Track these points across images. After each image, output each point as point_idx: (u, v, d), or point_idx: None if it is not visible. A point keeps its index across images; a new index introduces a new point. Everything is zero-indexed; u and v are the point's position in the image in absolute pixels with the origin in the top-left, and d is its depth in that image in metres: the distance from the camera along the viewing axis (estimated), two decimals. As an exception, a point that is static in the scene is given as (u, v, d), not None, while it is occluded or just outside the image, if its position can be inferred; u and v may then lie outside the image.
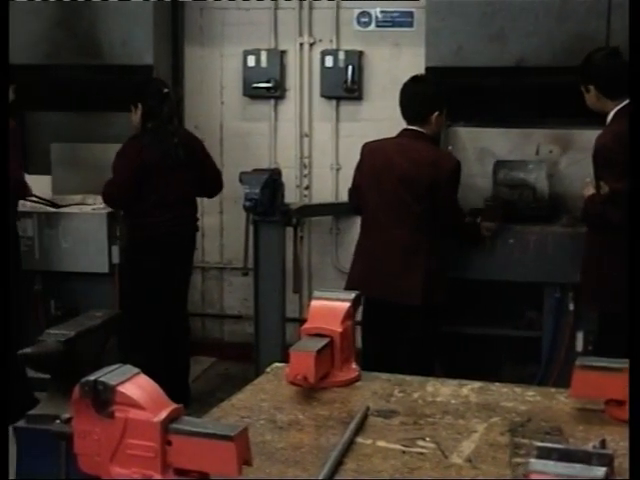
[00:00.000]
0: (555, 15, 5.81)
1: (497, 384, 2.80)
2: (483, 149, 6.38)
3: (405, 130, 5.34)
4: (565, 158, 6.19)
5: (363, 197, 5.41)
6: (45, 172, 6.72)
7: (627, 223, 3.16)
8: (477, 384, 2.80)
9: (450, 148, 6.22)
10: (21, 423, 4.05)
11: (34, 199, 6.33)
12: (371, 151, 5.40)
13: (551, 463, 1.74)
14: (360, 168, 5.45)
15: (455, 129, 6.40)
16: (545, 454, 1.77)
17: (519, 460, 2.20)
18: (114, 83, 6.41)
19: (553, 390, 2.76)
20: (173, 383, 5.01)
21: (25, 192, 5.99)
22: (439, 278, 5.26)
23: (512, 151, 6.30)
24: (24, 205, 6.29)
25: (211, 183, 6.33)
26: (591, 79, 4.97)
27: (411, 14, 6.84)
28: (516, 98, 6.12)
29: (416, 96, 5.31)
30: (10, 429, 4.16)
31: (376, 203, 5.30)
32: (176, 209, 6.00)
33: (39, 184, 6.31)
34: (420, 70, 5.90)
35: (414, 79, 5.41)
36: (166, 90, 6.04)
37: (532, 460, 1.77)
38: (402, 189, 5.19)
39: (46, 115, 7.00)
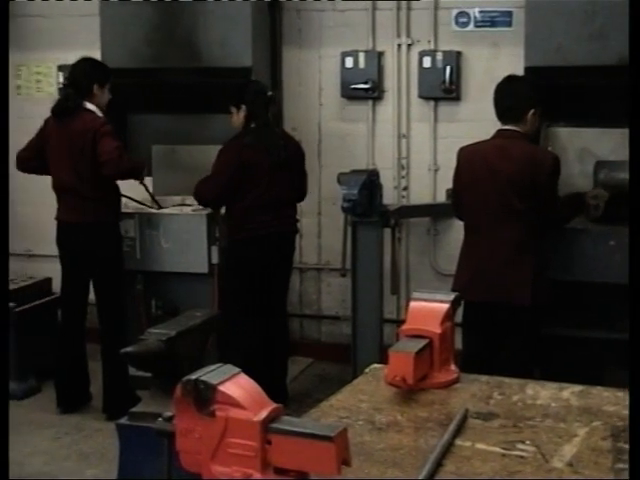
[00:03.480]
0: (658, 12, 5.69)
1: (598, 388, 2.76)
2: (584, 149, 6.29)
3: (500, 130, 5.32)
4: (668, 158, 6.06)
5: (464, 202, 5.40)
6: (147, 174, 6.82)
7: None
8: (578, 387, 2.77)
9: (550, 148, 6.15)
10: (124, 420, 4.13)
11: (137, 198, 6.45)
12: (468, 155, 5.39)
13: (655, 469, 1.71)
14: (458, 173, 5.44)
15: (555, 129, 6.32)
16: (649, 460, 1.74)
17: (622, 466, 2.16)
18: (213, 85, 6.48)
19: (657, 394, 2.71)
20: (271, 383, 5.05)
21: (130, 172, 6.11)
22: (543, 278, 5.23)
23: (613, 151, 6.20)
24: (126, 206, 6.41)
25: (298, 191, 6.34)
26: None
27: (510, 14, 6.77)
28: (618, 97, 6.01)
29: (510, 95, 5.31)
30: (114, 426, 4.24)
31: (478, 207, 5.28)
32: (277, 209, 6.04)
33: (141, 186, 6.41)
34: (519, 70, 5.85)
35: (509, 78, 5.42)
36: (270, 93, 6.10)
37: (636, 465, 1.74)
38: (504, 190, 5.16)
39: (147, 118, 7.11)
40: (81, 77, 6.02)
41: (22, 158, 6.17)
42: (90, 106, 6.00)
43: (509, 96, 5.31)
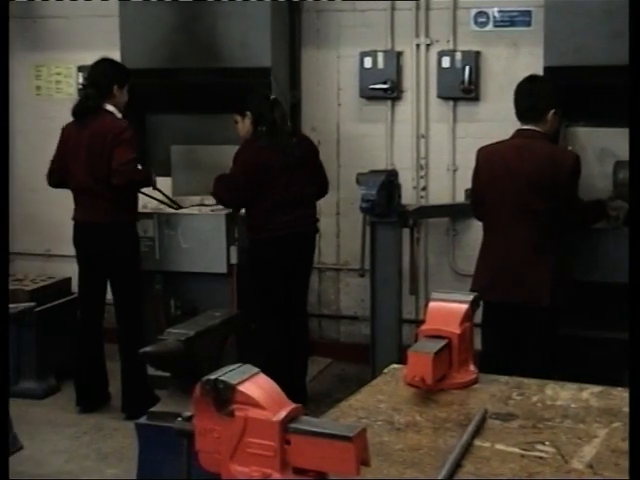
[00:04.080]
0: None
1: (619, 389, 2.75)
2: (604, 149, 6.26)
3: (520, 130, 5.31)
4: (689, 158, 6.02)
5: (483, 202, 5.39)
6: (166, 174, 6.83)
7: None
8: (598, 388, 2.76)
9: (570, 148, 6.13)
10: (143, 420, 4.15)
11: (158, 197, 6.47)
12: (487, 155, 5.38)
13: (676, 470, 1.71)
14: (477, 173, 5.43)
15: (574, 129, 6.30)
16: (670, 461, 1.73)
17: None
18: (232, 86, 6.48)
19: (677, 396, 2.70)
20: (290, 383, 5.06)
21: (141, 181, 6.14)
22: (563, 279, 5.22)
23: (633, 151, 6.17)
24: (145, 207, 6.42)
25: (320, 186, 6.34)
26: None
27: (529, 13, 6.75)
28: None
29: (532, 94, 5.29)
30: (133, 425, 4.26)
31: (498, 207, 5.27)
32: (296, 210, 6.04)
33: (160, 185, 6.42)
34: (538, 70, 5.84)
35: (530, 78, 5.41)
36: (273, 97, 6.11)
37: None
38: (523, 190, 5.15)
39: (166, 118, 7.12)
40: (101, 78, 6.04)
41: (50, 173, 6.21)
42: (110, 107, 6.03)
43: (530, 96, 5.29)
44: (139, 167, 6.04)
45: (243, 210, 6.23)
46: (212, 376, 2.03)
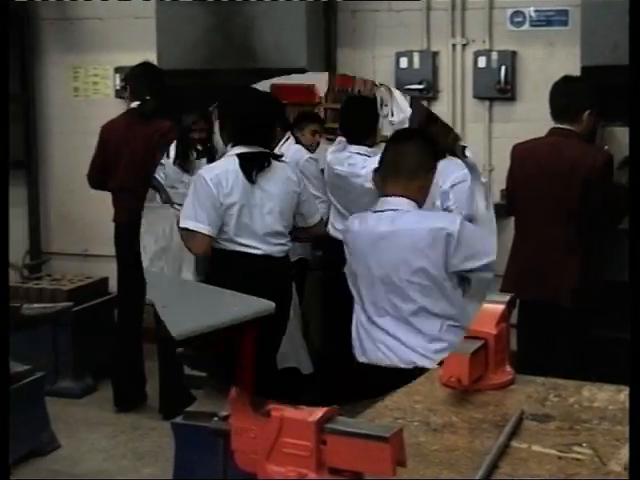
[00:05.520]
0: None
1: (657, 390, 2.73)
2: (641, 149, 6.22)
3: (554, 129, 5.28)
4: None
5: (516, 200, 5.38)
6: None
7: None
8: (636, 390, 2.74)
9: (606, 148, 6.09)
10: (179, 419, 4.17)
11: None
12: (521, 153, 5.37)
13: None
14: (511, 171, 5.42)
15: (611, 129, 6.26)
16: None
17: (680, 469, 2.14)
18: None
19: None
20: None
21: None
22: (593, 279, 5.19)
23: (672, 151, 6.12)
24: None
25: None
26: None
27: (566, 12, 6.71)
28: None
29: (567, 94, 5.27)
30: (169, 425, 4.28)
31: (530, 205, 5.25)
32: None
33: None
34: (575, 70, 5.81)
35: (566, 78, 5.39)
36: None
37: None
38: (556, 188, 5.13)
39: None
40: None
41: (90, 176, 6.28)
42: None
43: (565, 95, 5.27)
44: None
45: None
46: (248, 376, 2.04)
